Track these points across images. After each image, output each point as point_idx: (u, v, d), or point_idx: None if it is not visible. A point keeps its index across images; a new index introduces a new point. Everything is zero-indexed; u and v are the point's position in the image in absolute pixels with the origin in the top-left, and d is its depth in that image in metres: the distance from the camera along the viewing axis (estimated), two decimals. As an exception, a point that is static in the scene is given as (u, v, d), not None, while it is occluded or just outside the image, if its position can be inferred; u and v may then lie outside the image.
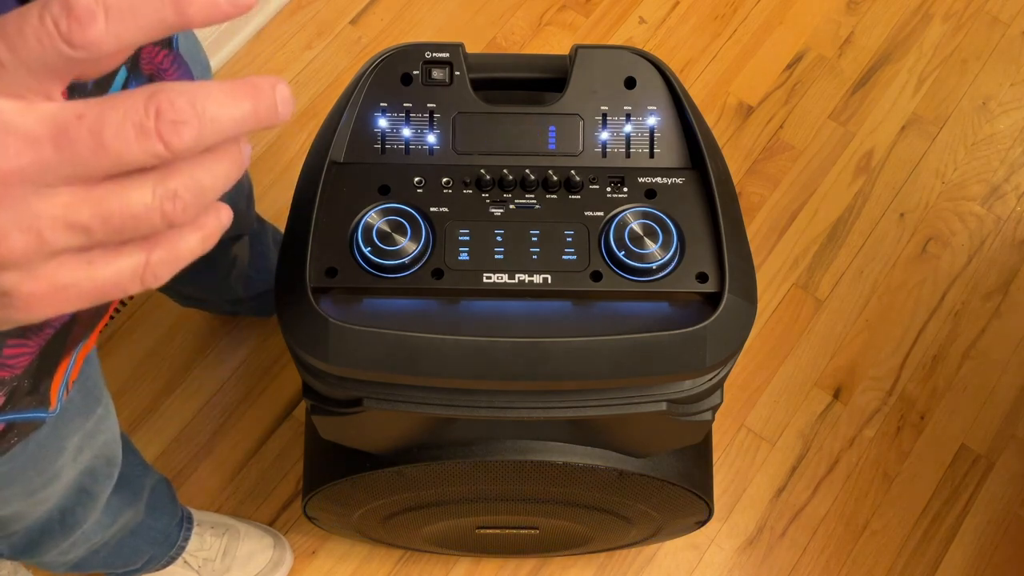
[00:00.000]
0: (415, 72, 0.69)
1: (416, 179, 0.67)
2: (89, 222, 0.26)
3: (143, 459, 1.04)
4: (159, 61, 0.61)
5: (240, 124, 0.26)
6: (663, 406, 0.67)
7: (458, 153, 0.68)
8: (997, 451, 1.36)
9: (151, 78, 0.60)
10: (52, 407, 0.60)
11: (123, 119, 0.24)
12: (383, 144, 0.68)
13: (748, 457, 1.35)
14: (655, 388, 0.66)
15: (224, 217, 0.29)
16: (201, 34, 1.51)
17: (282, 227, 0.84)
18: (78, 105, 0.24)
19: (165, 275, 0.29)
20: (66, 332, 0.56)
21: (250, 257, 1.17)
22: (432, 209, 0.65)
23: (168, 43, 0.63)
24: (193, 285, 1.16)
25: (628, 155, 0.68)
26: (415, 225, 0.64)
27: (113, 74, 0.54)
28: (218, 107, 0.25)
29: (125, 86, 0.55)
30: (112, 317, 0.59)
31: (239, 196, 1.00)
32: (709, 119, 1.57)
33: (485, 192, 0.66)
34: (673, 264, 0.64)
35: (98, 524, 0.91)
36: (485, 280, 0.63)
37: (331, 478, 0.84)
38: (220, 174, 0.27)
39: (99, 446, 0.79)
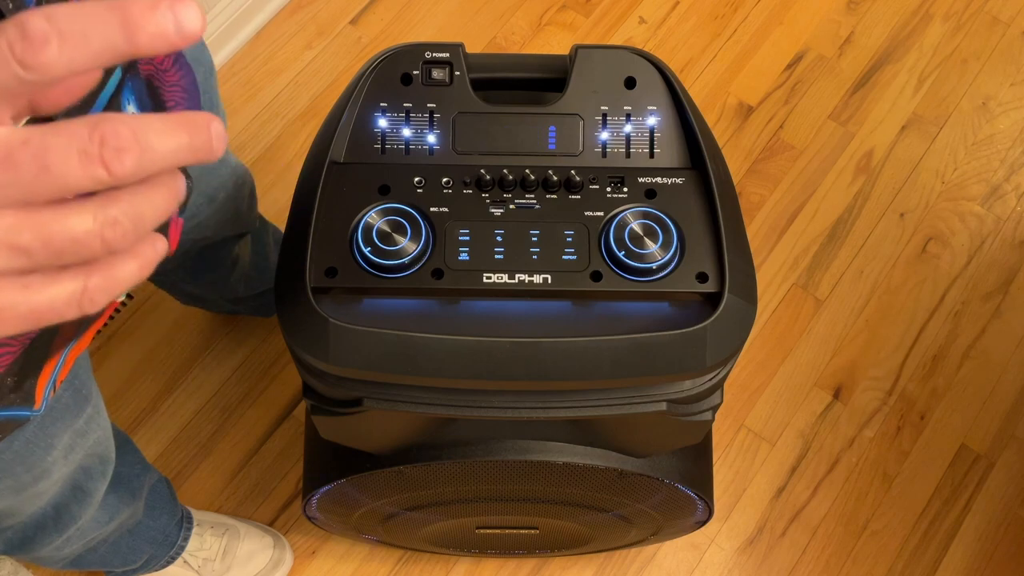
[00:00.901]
0: (415, 72, 0.69)
1: (416, 179, 0.67)
2: (30, 244, 0.26)
3: (143, 458, 1.04)
4: (159, 61, 0.61)
5: (177, 155, 0.27)
6: (663, 406, 0.67)
7: (458, 153, 0.68)
8: (997, 451, 1.36)
9: (149, 79, 0.60)
10: (37, 406, 0.59)
11: (67, 145, 0.25)
12: (383, 144, 0.68)
13: (748, 457, 1.35)
14: (655, 388, 0.66)
15: (160, 247, 0.30)
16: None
17: (282, 227, 0.84)
18: (24, 131, 0.25)
19: (102, 301, 0.29)
20: (52, 333, 0.55)
21: (251, 256, 1.17)
22: (432, 209, 0.65)
23: None
24: (195, 283, 1.16)
25: (628, 155, 0.68)
26: (415, 225, 0.64)
27: (106, 79, 0.52)
28: (158, 138, 0.26)
29: (119, 87, 0.54)
30: (111, 318, 0.58)
31: (240, 195, 0.99)
32: (709, 119, 1.57)
33: (485, 192, 0.66)
34: (673, 264, 0.64)
35: (94, 521, 0.91)
36: (485, 280, 0.63)
37: (331, 478, 0.84)
38: (159, 204, 0.28)
39: (91, 444, 0.79)
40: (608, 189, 0.66)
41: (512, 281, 0.63)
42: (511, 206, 0.66)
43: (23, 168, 0.25)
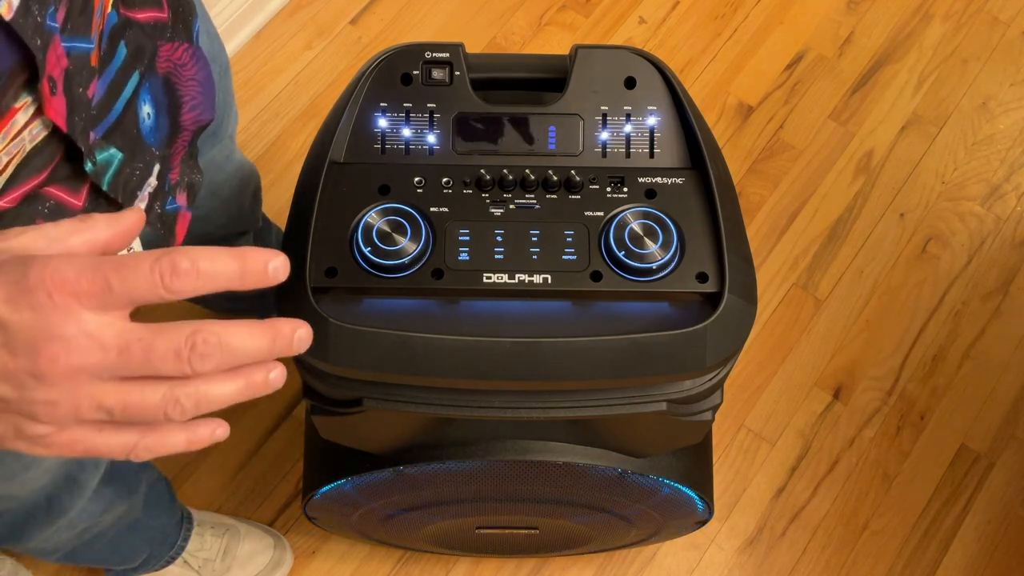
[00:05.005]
0: (415, 72, 0.69)
1: (416, 179, 0.67)
2: (113, 407, 0.35)
3: None
4: (177, 57, 0.60)
5: (256, 357, 0.36)
6: (663, 406, 0.67)
7: (458, 153, 0.68)
8: (997, 451, 1.36)
9: (167, 76, 0.60)
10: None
11: (168, 346, 0.34)
12: (383, 144, 0.68)
13: (748, 457, 1.35)
14: (655, 388, 0.66)
15: (219, 434, 0.39)
16: (201, 34, 1.51)
17: (282, 227, 0.84)
18: (138, 328, 0.35)
19: (145, 457, 0.38)
20: None
21: None
22: (432, 209, 0.65)
23: (188, 37, 0.62)
24: None
25: (628, 155, 0.68)
26: (415, 225, 0.64)
27: (125, 81, 0.53)
28: (240, 342, 0.35)
29: (136, 90, 0.55)
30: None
31: (244, 192, 0.99)
32: (709, 119, 1.57)
33: (485, 192, 0.66)
34: (673, 264, 0.64)
35: (86, 512, 0.91)
36: (485, 280, 0.63)
37: (331, 478, 0.84)
38: (227, 392, 0.37)
39: None
40: (608, 189, 0.66)
41: (512, 281, 0.63)
42: (511, 206, 0.66)
43: (134, 358, 0.34)
